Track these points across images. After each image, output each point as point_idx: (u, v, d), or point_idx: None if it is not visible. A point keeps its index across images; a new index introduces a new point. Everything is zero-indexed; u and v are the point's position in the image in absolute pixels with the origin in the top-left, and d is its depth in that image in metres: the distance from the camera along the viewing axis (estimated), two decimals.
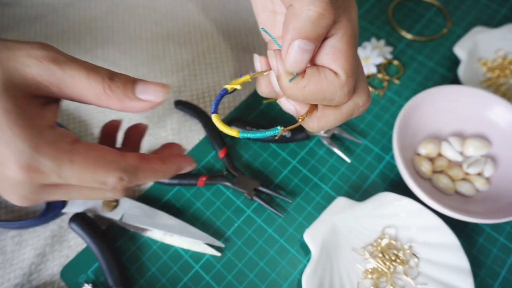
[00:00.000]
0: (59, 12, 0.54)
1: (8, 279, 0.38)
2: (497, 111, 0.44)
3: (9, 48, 0.23)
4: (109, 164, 0.24)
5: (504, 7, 0.57)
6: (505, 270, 0.40)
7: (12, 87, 0.22)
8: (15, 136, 0.21)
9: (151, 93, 0.26)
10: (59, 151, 0.22)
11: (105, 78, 0.24)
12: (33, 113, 0.23)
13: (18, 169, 0.21)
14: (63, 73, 0.23)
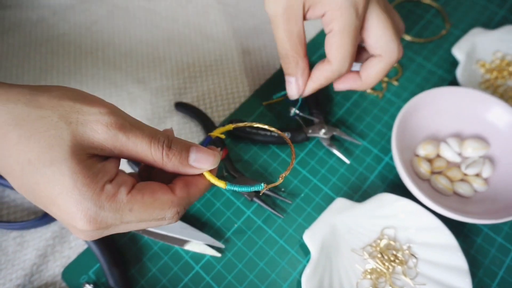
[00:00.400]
0: (60, 15, 0.55)
1: (10, 279, 0.38)
2: (495, 112, 0.44)
3: (79, 113, 0.24)
4: (164, 204, 0.26)
5: (502, 8, 0.57)
6: (503, 270, 0.40)
7: (79, 151, 0.24)
8: (81, 196, 0.23)
9: (203, 162, 0.28)
10: (117, 203, 0.25)
11: (165, 146, 0.27)
12: (97, 170, 0.24)
13: (86, 223, 0.24)
14: (127, 140, 0.25)
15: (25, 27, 0.53)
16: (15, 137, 0.23)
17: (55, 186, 0.23)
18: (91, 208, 0.24)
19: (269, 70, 0.52)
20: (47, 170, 0.23)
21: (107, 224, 0.25)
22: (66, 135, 0.24)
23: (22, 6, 0.54)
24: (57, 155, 0.23)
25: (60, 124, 0.24)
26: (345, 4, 0.33)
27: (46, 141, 0.23)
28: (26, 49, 0.52)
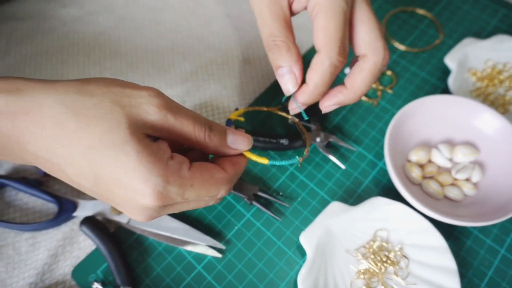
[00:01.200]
0: (70, 26, 0.57)
1: (23, 278, 0.41)
2: (484, 119, 0.46)
3: (130, 96, 0.26)
4: (219, 181, 0.29)
5: (494, 18, 0.59)
6: (492, 271, 0.42)
7: (137, 131, 0.25)
8: (149, 172, 0.25)
9: (240, 144, 0.31)
10: (182, 178, 0.26)
11: (207, 127, 0.29)
12: (156, 148, 0.26)
13: (154, 198, 0.25)
14: (175, 120, 0.27)
15: (37, 38, 0.56)
16: (73, 125, 0.24)
17: (121, 166, 0.24)
18: (159, 183, 0.25)
19: (269, 79, 0.54)
20: (110, 152, 0.24)
21: (171, 199, 0.26)
22: (122, 118, 0.25)
23: (34, 18, 0.57)
24: (118, 137, 0.24)
25: (115, 108, 0.25)
26: None
27: (105, 125, 0.24)
28: (37, 58, 0.54)
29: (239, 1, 0.61)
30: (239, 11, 0.60)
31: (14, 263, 0.41)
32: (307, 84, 0.33)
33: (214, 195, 0.29)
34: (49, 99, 0.25)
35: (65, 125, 0.24)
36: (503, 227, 0.44)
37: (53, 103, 0.25)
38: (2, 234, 0.43)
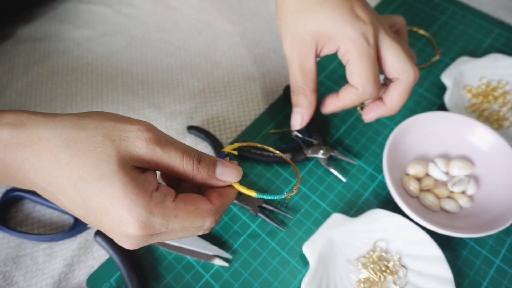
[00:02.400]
0: (84, 46, 0.60)
1: (40, 286, 0.43)
2: (479, 134, 0.48)
3: (121, 131, 0.28)
4: (204, 212, 0.29)
5: (489, 37, 0.62)
6: (487, 280, 0.43)
7: (125, 164, 0.27)
8: (133, 203, 0.26)
9: (228, 176, 0.31)
10: (165, 210, 0.28)
11: (195, 160, 0.30)
12: (142, 180, 0.27)
13: (137, 227, 0.27)
14: (163, 153, 0.28)
15: (52, 58, 0.59)
16: (67, 157, 0.26)
17: (107, 197, 0.26)
18: (142, 213, 0.26)
19: (273, 96, 0.57)
20: (98, 184, 0.26)
21: (155, 230, 0.27)
22: (111, 151, 0.27)
23: (50, 39, 0.60)
24: (106, 169, 0.26)
25: (106, 142, 0.27)
26: (355, 35, 0.37)
27: (95, 158, 0.26)
28: (53, 77, 0.57)
29: (244, 21, 0.64)
30: (244, 29, 0.63)
31: (32, 272, 0.44)
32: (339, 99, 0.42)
33: (200, 226, 0.29)
34: (47, 133, 0.27)
35: (59, 157, 0.26)
36: (498, 238, 0.46)
37: (50, 136, 0.27)
38: (20, 244, 0.45)
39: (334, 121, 0.54)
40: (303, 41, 0.39)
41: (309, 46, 0.39)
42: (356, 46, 0.37)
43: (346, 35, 0.37)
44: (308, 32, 0.38)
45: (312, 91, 0.41)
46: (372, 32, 0.38)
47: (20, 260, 0.44)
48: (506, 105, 0.54)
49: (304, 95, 0.41)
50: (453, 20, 0.64)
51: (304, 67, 0.40)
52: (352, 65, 0.38)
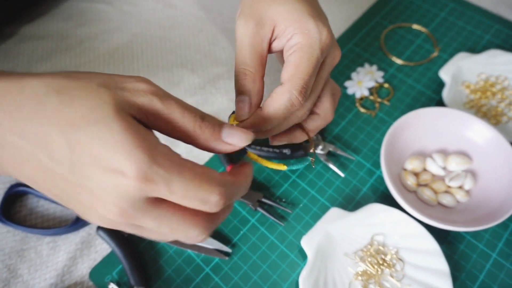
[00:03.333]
0: (86, 44, 0.61)
1: (44, 279, 0.44)
2: (476, 129, 0.49)
3: (116, 82, 0.25)
4: (213, 180, 0.24)
5: (488, 33, 0.62)
6: (484, 274, 0.44)
7: (123, 110, 0.23)
8: (136, 148, 0.22)
9: (236, 138, 0.28)
10: (171, 162, 0.23)
11: (198, 117, 0.26)
12: (144, 131, 0.24)
13: (136, 177, 0.22)
14: (162, 105, 0.25)
15: (55, 56, 0.60)
16: (56, 103, 0.23)
17: (103, 143, 0.22)
18: (145, 160, 0.22)
19: (270, 93, 0.57)
20: (93, 128, 0.22)
21: (154, 184, 0.22)
22: (107, 98, 0.23)
23: (52, 37, 0.61)
24: (102, 114, 0.22)
25: (100, 89, 0.23)
26: (313, 31, 0.33)
27: (89, 103, 0.23)
28: None
29: None
30: None
31: (36, 265, 0.45)
32: (261, 109, 0.33)
33: (204, 198, 0.24)
34: (33, 82, 0.23)
35: (48, 104, 0.23)
36: (494, 232, 0.46)
37: (36, 85, 0.23)
38: (25, 238, 0.46)
39: None
40: (261, 21, 0.34)
41: (266, 29, 0.34)
42: (308, 40, 0.33)
43: (305, 26, 0.33)
44: (270, 15, 0.34)
45: (261, 77, 0.34)
46: (329, 40, 0.34)
47: (24, 253, 0.45)
48: (504, 100, 0.54)
49: (251, 80, 0.33)
50: (452, 16, 0.64)
51: (257, 48, 0.33)
52: (294, 56, 0.33)
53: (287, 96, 0.32)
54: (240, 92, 0.34)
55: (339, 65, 0.59)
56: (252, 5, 0.34)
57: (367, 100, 0.56)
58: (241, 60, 0.34)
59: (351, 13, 0.66)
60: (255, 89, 0.33)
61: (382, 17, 0.65)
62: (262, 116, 0.32)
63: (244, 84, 0.33)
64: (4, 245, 0.46)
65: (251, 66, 0.33)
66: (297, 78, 0.32)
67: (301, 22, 0.33)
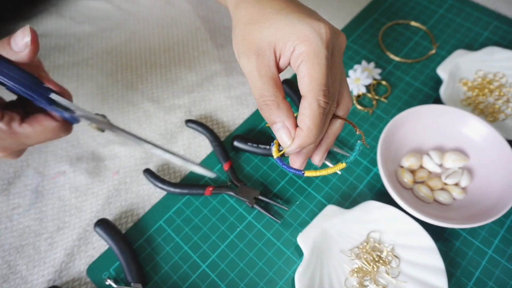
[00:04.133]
0: (84, 42, 0.61)
1: (42, 275, 0.44)
2: (472, 127, 0.49)
3: None
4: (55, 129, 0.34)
5: (486, 30, 0.62)
6: (479, 270, 0.44)
7: None
8: None
9: None
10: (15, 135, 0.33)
11: None
12: None
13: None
14: None
15: (54, 53, 0.60)
16: None
17: None
18: None
19: None
20: None
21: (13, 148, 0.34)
22: None
23: (52, 35, 0.61)
24: None
25: None
26: (311, 34, 0.33)
27: None
28: (54, 72, 0.58)
29: None
30: None
31: (34, 261, 0.45)
32: (300, 128, 0.33)
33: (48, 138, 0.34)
34: None
35: None
36: (490, 229, 0.46)
37: None
38: (23, 234, 0.46)
39: None
40: (260, 50, 0.34)
41: (268, 54, 0.34)
42: (311, 45, 0.33)
43: (302, 33, 0.33)
44: (265, 40, 0.34)
45: (283, 99, 0.34)
46: (329, 33, 0.33)
47: (23, 249, 0.46)
48: (502, 98, 0.54)
49: (275, 106, 0.34)
50: (450, 13, 0.64)
51: (267, 76, 0.34)
52: (304, 66, 0.33)
53: (315, 105, 0.32)
54: (272, 122, 0.34)
55: None
56: (244, 39, 0.35)
57: (365, 97, 0.56)
58: (259, 93, 0.34)
59: (349, 11, 0.66)
60: (284, 113, 0.34)
61: (380, 14, 0.65)
62: (304, 134, 0.33)
63: (271, 113, 0.34)
64: (3, 241, 0.46)
65: (269, 96, 0.34)
66: (316, 88, 0.32)
67: (296, 31, 0.33)
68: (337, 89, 0.35)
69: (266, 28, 0.34)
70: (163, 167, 0.51)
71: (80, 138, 0.53)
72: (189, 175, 0.51)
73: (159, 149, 0.35)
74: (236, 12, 0.37)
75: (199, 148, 0.53)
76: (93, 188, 0.50)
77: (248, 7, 0.36)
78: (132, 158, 0.52)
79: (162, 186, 0.48)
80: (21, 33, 0.33)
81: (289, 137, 0.34)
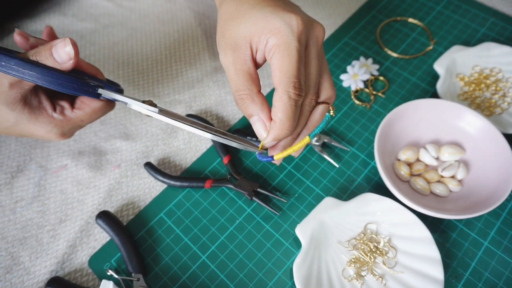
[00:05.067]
0: (87, 38, 0.62)
1: (45, 266, 0.45)
2: (468, 120, 0.49)
3: None
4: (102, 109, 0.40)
5: (483, 27, 0.63)
6: (475, 261, 0.45)
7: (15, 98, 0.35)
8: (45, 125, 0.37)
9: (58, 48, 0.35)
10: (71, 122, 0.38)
11: None
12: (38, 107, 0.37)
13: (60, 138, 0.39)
14: None
15: None
16: None
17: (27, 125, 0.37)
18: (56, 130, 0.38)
19: (270, 86, 0.58)
20: None
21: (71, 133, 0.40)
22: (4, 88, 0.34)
23: None
24: None
25: None
26: (282, 26, 0.33)
27: None
28: None
29: None
30: None
31: (37, 252, 0.46)
32: (273, 121, 0.34)
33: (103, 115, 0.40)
34: None
35: None
36: (486, 221, 0.47)
37: None
38: (26, 227, 0.47)
39: None
40: (236, 45, 0.34)
41: (244, 49, 0.34)
42: (282, 37, 0.33)
43: (274, 26, 0.33)
44: (241, 36, 0.34)
45: (257, 92, 0.35)
46: (301, 25, 0.33)
47: (26, 241, 0.46)
48: (498, 92, 0.55)
49: (250, 100, 0.34)
50: (447, 10, 0.65)
51: (242, 71, 0.34)
52: (275, 59, 0.33)
53: (285, 98, 0.33)
54: (249, 115, 0.35)
55: (335, 58, 0.60)
56: (223, 34, 0.36)
57: (362, 92, 0.57)
58: (234, 87, 0.35)
59: (347, 8, 0.66)
60: (258, 106, 0.34)
61: (378, 11, 0.65)
62: (277, 126, 0.34)
63: (246, 107, 0.35)
64: (7, 233, 0.47)
65: (243, 89, 0.34)
66: (285, 80, 0.32)
67: (268, 24, 0.33)
68: (313, 81, 0.35)
69: (243, 24, 0.34)
70: (163, 160, 0.52)
71: (82, 133, 0.54)
72: (189, 168, 0.51)
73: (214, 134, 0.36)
74: (220, 10, 0.38)
75: (199, 142, 0.53)
76: (95, 181, 0.50)
77: (228, 4, 0.37)
78: (133, 152, 0.52)
79: (163, 179, 0.49)
80: (62, 44, 0.34)
81: (265, 130, 0.35)
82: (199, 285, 0.44)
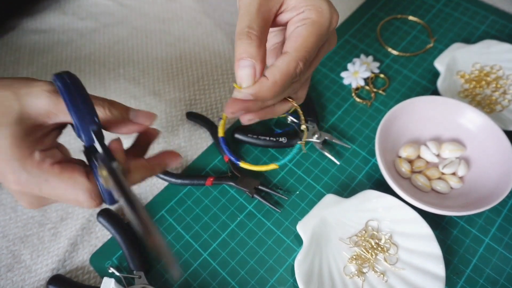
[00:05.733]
0: (87, 37, 0.62)
1: (46, 264, 0.45)
2: (469, 117, 0.49)
3: (28, 86, 0.29)
4: (78, 185, 0.29)
5: (483, 24, 0.63)
6: (476, 258, 0.45)
7: (26, 119, 0.28)
8: (12, 157, 0.28)
9: (142, 117, 0.32)
10: (40, 170, 0.28)
11: (106, 103, 0.31)
12: (34, 138, 0.29)
13: (13, 182, 0.28)
14: None
15: (56, 49, 0.61)
16: None
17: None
18: (17, 168, 0.28)
19: None
20: None
21: (29, 188, 0.28)
22: (16, 106, 0.28)
23: (54, 31, 0.62)
24: (4, 121, 0.27)
25: (12, 96, 0.28)
26: (326, 9, 0.32)
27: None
28: (57, 67, 0.59)
29: None
30: None
31: (38, 250, 0.46)
32: (265, 78, 0.32)
33: (73, 198, 0.29)
34: None
35: None
36: (488, 217, 0.47)
37: None
38: (27, 225, 0.47)
39: (329, 106, 0.55)
40: None
41: (275, 1, 0.32)
42: (321, 18, 0.32)
43: (318, 4, 0.32)
44: None
45: (265, 44, 0.32)
46: (335, 23, 0.33)
47: (27, 239, 0.46)
48: (498, 89, 0.55)
49: (257, 43, 0.31)
50: (448, 7, 0.65)
51: (264, 15, 0.31)
52: (304, 29, 0.32)
53: (293, 64, 0.31)
54: (243, 56, 0.31)
55: (336, 55, 0.60)
56: None
57: (363, 90, 0.57)
58: (247, 22, 0.31)
59: (348, 5, 0.66)
60: (260, 55, 0.31)
61: (379, 8, 0.65)
62: (267, 84, 0.31)
63: (249, 47, 0.31)
64: (8, 232, 0.47)
65: (257, 30, 0.31)
66: (303, 50, 0.31)
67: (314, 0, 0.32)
68: (311, 72, 0.36)
69: None
70: None
71: None
72: (190, 166, 0.51)
73: None
74: None
75: (200, 140, 0.53)
76: None
77: None
78: None
79: (164, 177, 0.49)
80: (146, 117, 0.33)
81: (251, 79, 0.32)
82: (201, 283, 0.44)
